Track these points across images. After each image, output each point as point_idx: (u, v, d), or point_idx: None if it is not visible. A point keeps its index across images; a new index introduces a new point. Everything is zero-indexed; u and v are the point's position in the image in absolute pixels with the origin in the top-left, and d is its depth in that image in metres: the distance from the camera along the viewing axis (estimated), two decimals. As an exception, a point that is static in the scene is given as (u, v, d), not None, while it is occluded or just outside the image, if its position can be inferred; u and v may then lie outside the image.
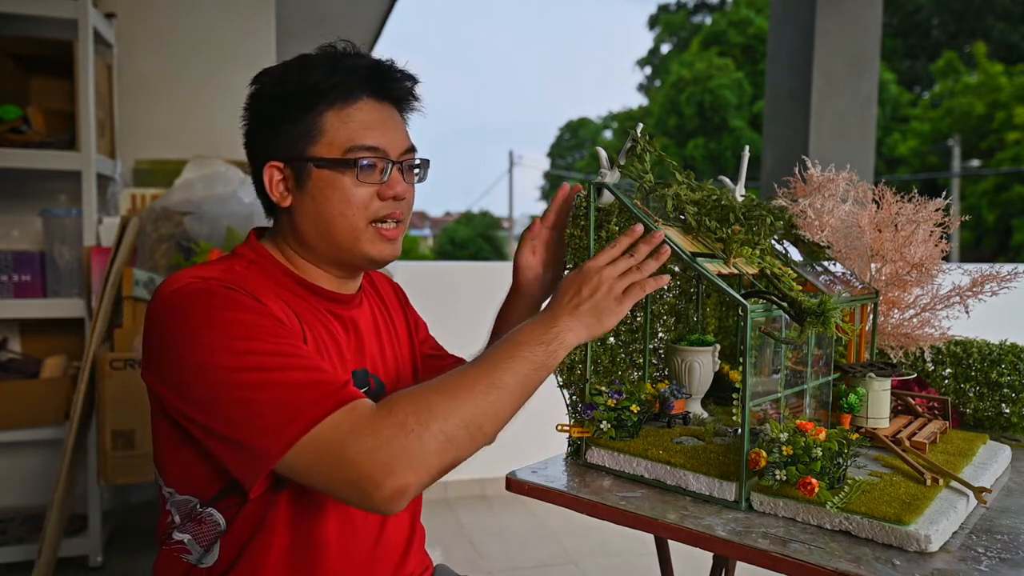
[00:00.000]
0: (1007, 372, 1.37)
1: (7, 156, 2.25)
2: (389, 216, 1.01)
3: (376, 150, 0.98)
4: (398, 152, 1.01)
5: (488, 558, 2.87)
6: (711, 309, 1.54)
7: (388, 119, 1.01)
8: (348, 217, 0.99)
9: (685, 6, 28.75)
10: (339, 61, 0.99)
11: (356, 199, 0.98)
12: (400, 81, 1.03)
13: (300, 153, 0.98)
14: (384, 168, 0.99)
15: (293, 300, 1.00)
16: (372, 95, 1.00)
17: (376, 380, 1.08)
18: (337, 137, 0.97)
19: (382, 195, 1.00)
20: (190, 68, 2.83)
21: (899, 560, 0.85)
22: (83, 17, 2.28)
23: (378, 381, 1.09)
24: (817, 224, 1.38)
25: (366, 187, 0.99)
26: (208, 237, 2.16)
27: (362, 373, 1.06)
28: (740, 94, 23.28)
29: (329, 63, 0.98)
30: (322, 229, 1.00)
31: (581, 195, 1.20)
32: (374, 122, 0.99)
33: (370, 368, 1.08)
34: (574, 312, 0.97)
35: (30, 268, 2.42)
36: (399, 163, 1.01)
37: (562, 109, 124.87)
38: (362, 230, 1.00)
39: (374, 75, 1.00)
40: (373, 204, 0.99)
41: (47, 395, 2.37)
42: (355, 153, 0.97)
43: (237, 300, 0.88)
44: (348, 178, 0.98)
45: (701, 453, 1.11)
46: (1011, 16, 21.22)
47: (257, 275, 0.98)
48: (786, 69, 3.81)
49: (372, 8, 4.83)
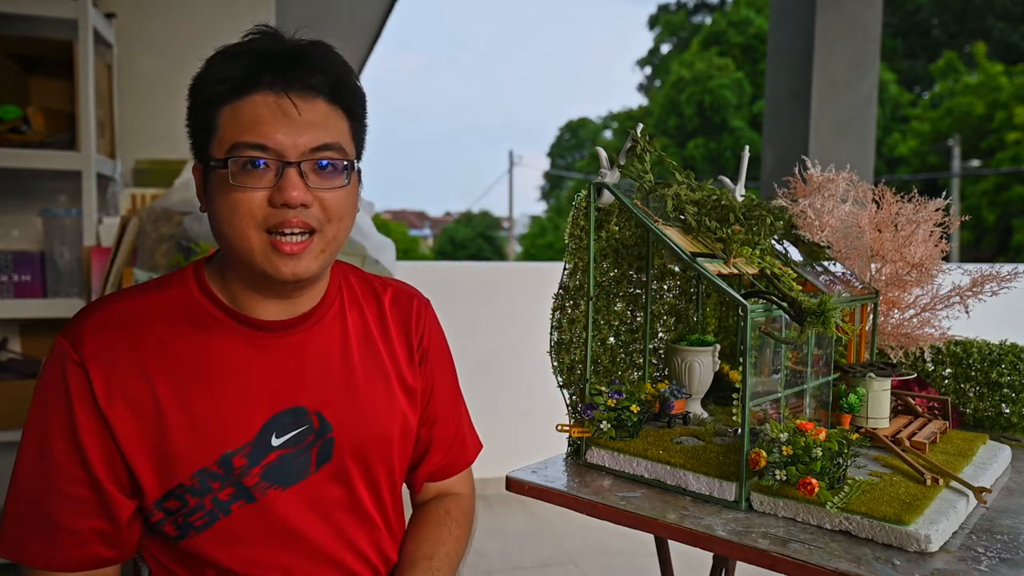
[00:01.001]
0: (1007, 372, 1.37)
1: (7, 156, 2.25)
2: (283, 224, 0.87)
3: (264, 148, 0.86)
4: (299, 152, 0.87)
5: (488, 558, 2.87)
6: (711, 309, 1.54)
7: (285, 115, 0.87)
8: (235, 226, 0.87)
9: (685, 6, 28.76)
10: (243, 49, 0.89)
11: (241, 205, 0.86)
12: (312, 70, 0.89)
13: (202, 152, 0.91)
14: (277, 168, 0.86)
15: (198, 336, 0.92)
16: (272, 88, 0.87)
17: (319, 417, 0.96)
18: (226, 135, 0.87)
19: (272, 201, 0.86)
20: (190, 68, 2.81)
21: (899, 560, 0.85)
22: (83, 17, 2.28)
23: (322, 419, 0.96)
24: (817, 224, 1.38)
25: (252, 191, 0.86)
26: (208, 237, 2.16)
27: (288, 414, 0.94)
28: (740, 94, 23.28)
29: (233, 53, 0.89)
30: (221, 240, 0.90)
31: (581, 195, 1.20)
32: (267, 117, 0.86)
33: (309, 404, 0.96)
34: None
35: (30, 268, 2.42)
36: (297, 164, 0.87)
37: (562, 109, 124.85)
38: (254, 242, 0.87)
39: (277, 63, 0.88)
40: (263, 211, 0.86)
41: (47, 395, 2.37)
42: (236, 151, 0.86)
43: (52, 388, 0.90)
44: (228, 181, 0.86)
45: (701, 453, 1.11)
46: (1011, 16, 21.22)
47: (168, 305, 0.94)
48: (786, 69, 3.81)
49: (372, 8, 4.83)
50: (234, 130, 0.87)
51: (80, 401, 0.88)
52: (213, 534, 0.91)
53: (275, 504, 0.93)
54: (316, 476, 0.96)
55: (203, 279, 0.96)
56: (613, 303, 1.30)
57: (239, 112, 0.87)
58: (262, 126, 0.86)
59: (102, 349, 0.89)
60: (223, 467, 0.90)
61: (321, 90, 0.90)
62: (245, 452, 0.91)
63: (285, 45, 0.91)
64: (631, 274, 1.33)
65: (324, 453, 0.97)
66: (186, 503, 0.90)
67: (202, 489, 0.90)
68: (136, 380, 0.89)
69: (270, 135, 0.86)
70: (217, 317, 0.94)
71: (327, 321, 1.00)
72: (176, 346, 0.92)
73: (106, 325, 0.91)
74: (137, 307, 0.93)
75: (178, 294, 0.95)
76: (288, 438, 0.94)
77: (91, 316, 0.92)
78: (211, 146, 0.89)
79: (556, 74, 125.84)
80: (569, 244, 1.21)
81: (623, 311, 1.32)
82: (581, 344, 1.22)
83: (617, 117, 30.82)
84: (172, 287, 0.96)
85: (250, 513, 0.92)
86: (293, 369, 0.96)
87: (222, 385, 0.92)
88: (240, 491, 0.91)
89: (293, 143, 0.87)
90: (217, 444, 0.90)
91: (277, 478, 0.93)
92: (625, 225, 1.29)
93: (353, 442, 0.98)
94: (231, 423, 0.91)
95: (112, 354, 0.89)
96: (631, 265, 1.32)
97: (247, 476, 0.91)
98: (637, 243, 1.33)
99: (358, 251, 2.14)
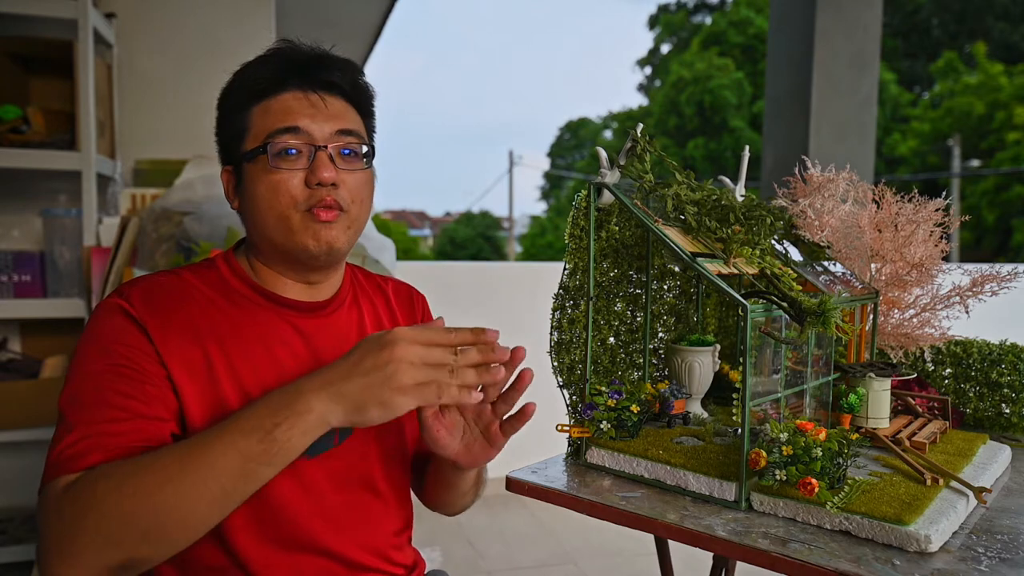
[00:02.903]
0: (1007, 372, 1.37)
1: (7, 156, 2.25)
2: (320, 203, 0.95)
3: (296, 131, 0.95)
4: (326, 136, 0.96)
5: (488, 558, 2.87)
6: (711, 309, 1.55)
7: (313, 106, 0.97)
8: (276, 208, 0.95)
9: (685, 6, 28.76)
10: (268, 58, 0.99)
11: (281, 187, 0.94)
12: (331, 70, 0.99)
13: (235, 153, 0.98)
14: (310, 153, 0.95)
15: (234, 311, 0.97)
16: (298, 87, 0.97)
17: None
18: (259, 129, 0.96)
19: (308, 181, 0.95)
20: (190, 68, 2.83)
21: (899, 560, 0.85)
22: (83, 17, 2.28)
23: None
24: (817, 224, 1.38)
25: (289, 173, 0.94)
26: (208, 237, 2.16)
27: None
28: (740, 94, 23.28)
29: (259, 62, 0.99)
30: (259, 226, 0.97)
31: (581, 195, 1.20)
32: (296, 107, 0.96)
33: None
34: (336, 385, 0.77)
35: (30, 268, 2.42)
36: (324, 147, 0.96)
37: (562, 109, 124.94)
38: (294, 219, 0.95)
39: (300, 66, 0.98)
40: (302, 192, 0.95)
41: (47, 395, 2.37)
42: (272, 138, 0.94)
43: (108, 322, 0.90)
44: (267, 165, 0.94)
45: (701, 453, 1.11)
46: (1011, 16, 21.22)
47: (201, 283, 0.98)
48: (786, 69, 3.81)
49: (372, 8, 4.83)
50: (266, 122, 0.96)
51: (141, 337, 0.89)
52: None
53: (305, 472, 0.96)
54: (339, 449, 1.00)
55: (234, 263, 1.02)
56: (613, 303, 1.30)
57: (269, 107, 0.97)
58: (292, 114, 0.96)
59: (155, 308, 0.92)
60: None
61: (340, 87, 1.00)
62: None
63: (307, 52, 1.01)
64: (631, 274, 1.33)
65: (345, 428, 0.99)
66: None
67: None
68: (188, 341, 0.92)
69: (300, 120, 0.96)
70: (250, 296, 1.00)
71: (345, 308, 1.08)
72: (218, 316, 0.96)
73: (153, 291, 0.94)
74: (176, 282, 0.97)
75: (211, 275, 1.00)
76: None
77: (137, 284, 0.95)
78: (244, 144, 0.97)
79: (556, 74, 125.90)
80: (569, 244, 1.21)
81: (623, 311, 1.32)
82: (581, 344, 1.22)
83: (617, 117, 30.83)
84: (204, 269, 1.01)
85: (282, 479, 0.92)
86: (319, 346, 1.01)
87: (260, 355, 0.96)
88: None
89: (320, 128, 0.96)
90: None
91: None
92: (625, 225, 1.29)
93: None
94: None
95: (165, 314, 0.92)
96: (631, 265, 1.32)
97: None
98: (637, 243, 1.33)
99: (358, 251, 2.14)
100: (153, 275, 0.98)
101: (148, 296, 0.93)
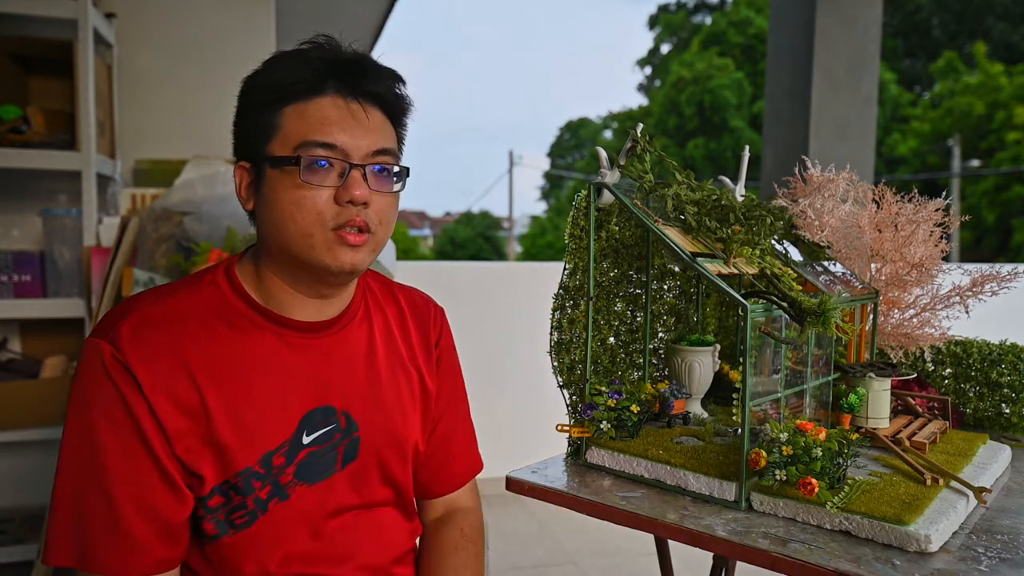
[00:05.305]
0: (1007, 372, 1.37)
1: (7, 156, 2.25)
2: (348, 223, 0.90)
3: (332, 148, 0.89)
4: (362, 154, 0.91)
5: (488, 558, 2.86)
6: (711, 309, 1.55)
7: (352, 117, 0.91)
8: (300, 223, 0.89)
9: (685, 6, 28.76)
10: (306, 55, 0.92)
11: (308, 203, 0.88)
12: (375, 79, 0.93)
13: (258, 151, 0.92)
14: (343, 170, 0.90)
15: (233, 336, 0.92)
16: (338, 92, 0.91)
17: (347, 417, 0.98)
18: (291, 133, 0.89)
19: (339, 199, 0.89)
20: (190, 68, 2.83)
21: (899, 560, 0.85)
22: (83, 17, 2.28)
23: (349, 418, 0.98)
24: (817, 224, 1.38)
25: (319, 190, 0.89)
26: (208, 237, 2.16)
27: (319, 412, 0.96)
28: (740, 94, 23.28)
29: (296, 57, 0.91)
30: (278, 237, 0.91)
31: (581, 195, 1.20)
32: (335, 119, 0.90)
33: (337, 403, 0.98)
34: None
35: (30, 268, 2.42)
36: (361, 166, 0.91)
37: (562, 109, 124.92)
38: (317, 236, 0.89)
39: (342, 70, 0.91)
40: (330, 209, 0.89)
41: (47, 395, 2.37)
42: (305, 150, 0.88)
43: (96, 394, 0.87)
44: (296, 178, 0.88)
45: (701, 453, 1.11)
46: (1011, 16, 21.22)
47: (199, 305, 0.93)
48: (786, 69, 3.81)
49: (372, 8, 4.83)
50: (301, 129, 0.89)
51: (132, 395, 0.86)
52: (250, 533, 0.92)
53: (302, 500, 0.95)
54: (341, 474, 0.98)
55: (235, 279, 0.96)
56: (613, 303, 1.30)
57: (306, 112, 0.90)
58: (330, 126, 0.89)
59: (143, 349, 0.87)
60: (264, 467, 0.91)
61: (382, 98, 0.94)
62: (283, 451, 0.93)
63: (350, 54, 0.94)
64: (631, 274, 1.33)
65: (350, 452, 0.98)
66: (230, 500, 0.91)
67: (246, 488, 0.90)
68: (180, 381, 0.88)
69: (337, 135, 0.89)
70: (251, 318, 0.94)
71: (354, 325, 1.02)
72: (214, 346, 0.91)
73: (143, 327, 0.89)
74: (170, 309, 0.92)
75: (210, 294, 0.95)
76: (317, 435, 0.96)
77: (127, 318, 0.89)
78: (270, 145, 0.90)
79: (556, 74, 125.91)
80: (569, 244, 1.21)
81: (623, 311, 1.32)
82: (581, 344, 1.22)
83: (617, 117, 30.82)
84: (203, 287, 0.95)
85: (283, 510, 0.93)
86: (323, 369, 0.97)
87: (259, 385, 0.92)
88: (276, 489, 0.93)
89: (357, 145, 0.91)
90: (260, 444, 0.91)
91: (306, 475, 0.95)
92: (625, 225, 1.29)
93: (378, 442, 1.01)
94: (270, 423, 0.92)
95: (154, 355, 0.88)
96: (631, 265, 1.32)
97: (283, 474, 0.93)
98: (637, 243, 1.33)
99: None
100: (148, 304, 0.92)
101: (137, 335, 0.88)
